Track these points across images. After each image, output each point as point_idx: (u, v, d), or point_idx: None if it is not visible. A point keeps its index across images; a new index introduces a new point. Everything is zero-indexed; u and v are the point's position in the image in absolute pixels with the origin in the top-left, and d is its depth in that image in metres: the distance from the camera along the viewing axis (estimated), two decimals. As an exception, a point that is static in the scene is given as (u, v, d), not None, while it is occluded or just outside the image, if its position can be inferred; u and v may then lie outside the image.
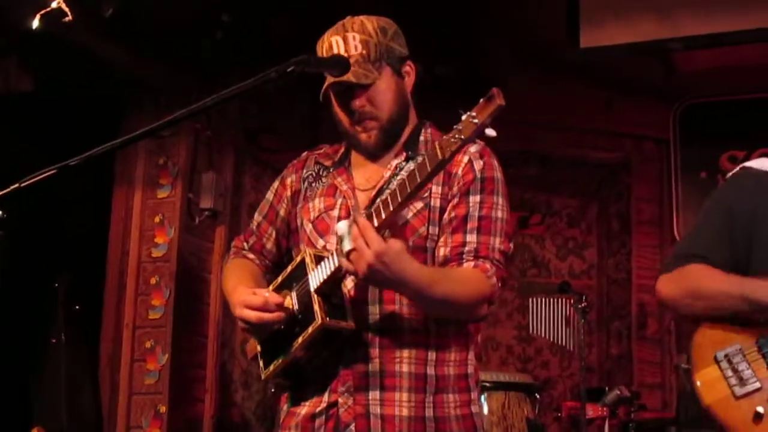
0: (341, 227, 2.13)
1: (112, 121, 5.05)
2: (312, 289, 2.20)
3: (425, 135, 2.43)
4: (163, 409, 4.87)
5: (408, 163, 2.35)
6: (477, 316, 2.31)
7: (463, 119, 1.98)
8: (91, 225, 5.20)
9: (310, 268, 2.22)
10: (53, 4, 4.19)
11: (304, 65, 2.08)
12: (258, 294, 2.26)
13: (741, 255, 2.46)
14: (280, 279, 2.33)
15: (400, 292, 2.22)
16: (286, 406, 2.39)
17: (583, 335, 5.35)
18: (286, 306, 2.24)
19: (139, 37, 4.70)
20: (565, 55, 5.57)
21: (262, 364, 2.35)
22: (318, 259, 2.23)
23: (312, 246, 2.35)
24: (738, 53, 5.81)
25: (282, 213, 2.53)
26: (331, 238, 2.32)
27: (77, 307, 5.01)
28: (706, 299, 2.47)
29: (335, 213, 2.36)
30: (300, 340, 2.21)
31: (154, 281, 5.03)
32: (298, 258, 2.29)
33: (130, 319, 5.02)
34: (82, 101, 4.93)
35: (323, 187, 2.44)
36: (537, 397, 4.96)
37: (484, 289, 2.25)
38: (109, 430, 4.94)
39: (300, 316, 2.23)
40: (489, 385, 4.71)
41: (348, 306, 2.21)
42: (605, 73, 6.28)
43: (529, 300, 5.90)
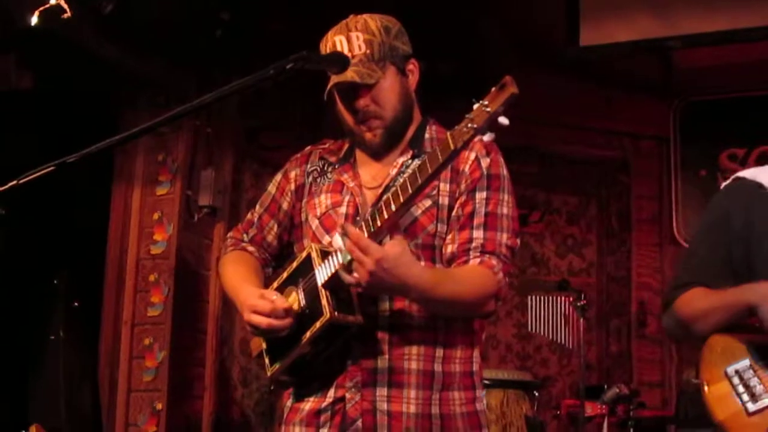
0: (337, 241, 2.14)
1: (110, 117, 5.05)
2: (319, 284, 2.20)
3: (430, 132, 2.43)
4: (160, 406, 4.87)
5: (414, 161, 2.35)
6: (484, 313, 2.32)
7: (474, 108, 1.96)
8: (90, 222, 5.19)
9: (316, 263, 2.22)
10: (52, 1, 4.18)
11: (303, 62, 2.07)
12: (266, 298, 2.25)
13: (739, 267, 2.47)
14: (285, 275, 2.33)
15: (405, 296, 2.22)
16: (289, 402, 2.39)
17: (582, 333, 5.35)
18: (294, 309, 2.24)
19: (138, 34, 4.69)
20: (564, 53, 5.57)
21: (267, 361, 2.34)
22: (324, 255, 2.22)
23: (317, 242, 2.34)
24: (738, 51, 5.81)
25: (285, 206, 2.51)
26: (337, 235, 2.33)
27: (76, 304, 5.01)
28: (703, 318, 2.47)
29: (342, 210, 2.37)
30: (308, 335, 2.20)
31: (153, 278, 5.02)
32: (303, 254, 2.28)
33: (129, 316, 5.00)
34: (81, 98, 4.92)
35: (329, 183, 2.44)
36: (536, 394, 4.97)
37: (490, 286, 2.26)
38: (107, 427, 4.93)
39: (307, 311, 2.22)
40: (488, 382, 4.70)
41: (355, 301, 2.21)
42: (605, 71, 6.28)
43: (529, 298, 5.90)
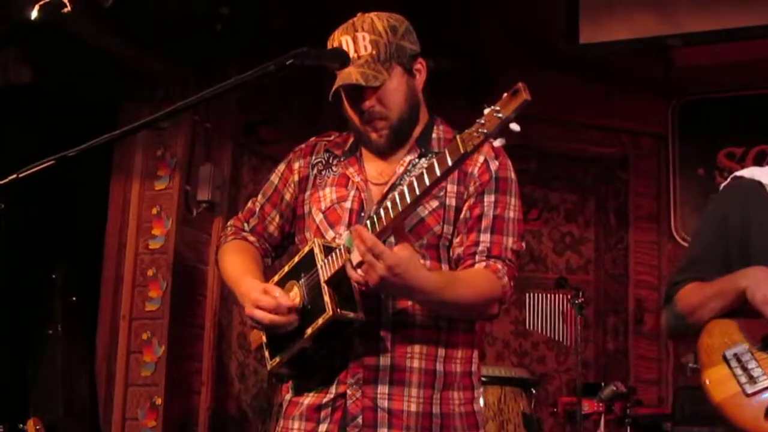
0: (345, 237, 2.14)
1: (109, 112, 5.05)
2: (322, 280, 2.19)
3: (437, 132, 2.43)
4: (159, 400, 4.87)
5: (421, 160, 2.36)
6: (488, 316, 2.34)
7: (486, 113, 1.95)
8: (88, 216, 5.19)
9: (319, 259, 2.21)
10: (52, -5, 4.18)
11: (303, 58, 2.07)
12: (269, 293, 2.24)
13: (736, 265, 2.47)
14: (286, 268, 2.32)
15: (409, 298, 2.22)
16: (288, 396, 2.39)
17: (579, 330, 5.36)
18: (297, 306, 2.23)
19: (138, 28, 4.69)
20: (564, 51, 5.58)
21: (267, 354, 2.33)
22: (327, 250, 2.22)
23: (321, 236, 2.34)
24: (737, 49, 5.81)
25: (287, 198, 2.50)
26: (341, 230, 2.32)
27: (74, 299, 5.00)
28: (700, 308, 2.48)
29: (348, 205, 2.36)
30: (309, 330, 2.20)
31: (151, 273, 5.02)
32: (306, 248, 2.27)
33: (127, 311, 5.01)
34: (80, 92, 4.92)
35: (334, 177, 2.43)
36: (533, 391, 4.97)
37: (494, 290, 2.27)
38: (105, 422, 4.93)
39: (309, 306, 2.22)
40: (485, 379, 4.71)
41: (358, 298, 2.20)
42: (604, 69, 6.29)
43: (526, 295, 5.91)
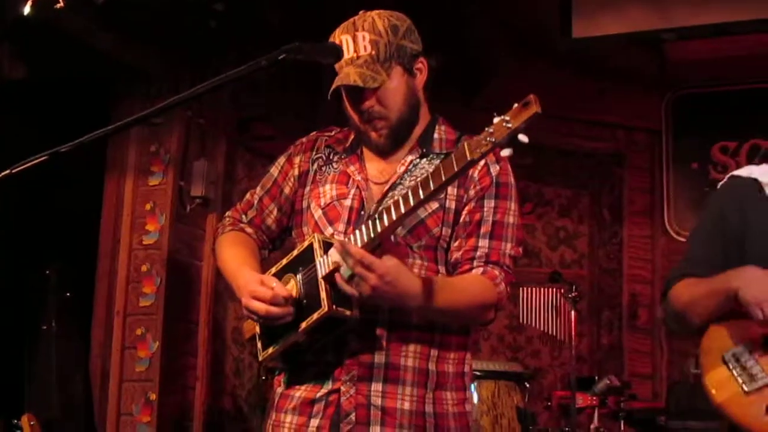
0: (334, 255, 2.15)
1: (103, 108, 5.04)
2: (320, 276, 2.19)
3: (439, 132, 2.43)
4: (153, 396, 4.87)
5: (422, 160, 2.36)
6: (483, 322, 2.35)
7: (495, 122, 1.97)
8: (82, 212, 5.19)
9: (317, 254, 2.22)
10: (45, -9, 4.17)
11: (296, 53, 2.06)
12: (266, 284, 2.24)
13: (733, 264, 2.48)
14: (284, 261, 2.31)
15: (404, 306, 2.21)
16: (280, 389, 2.39)
17: (573, 325, 5.37)
18: (294, 297, 2.23)
19: (131, 24, 4.69)
20: (557, 45, 5.58)
21: (260, 345, 2.33)
22: (326, 246, 2.22)
23: (319, 232, 2.34)
24: (731, 44, 5.82)
25: (287, 191, 2.50)
26: (340, 227, 2.33)
27: (68, 295, 5.00)
28: (692, 305, 2.50)
29: (348, 203, 2.36)
30: (303, 325, 2.21)
31: (145, 269, 5.01)
32: (306, 243, 2.27)
33: (121, 307, 5.00)
34: (74, 88, 4.91)
35: (335, 173, 2.43)
36: (527, 386, 4.97)
37: (490, 297, 2.28)
38: (100, 418, 4.93)
39: (305, 301, 2.22)
40: (479, 373, 4.71)
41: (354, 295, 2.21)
42: (598, 64, 6.29)
43: (520, 289, 5.92)
